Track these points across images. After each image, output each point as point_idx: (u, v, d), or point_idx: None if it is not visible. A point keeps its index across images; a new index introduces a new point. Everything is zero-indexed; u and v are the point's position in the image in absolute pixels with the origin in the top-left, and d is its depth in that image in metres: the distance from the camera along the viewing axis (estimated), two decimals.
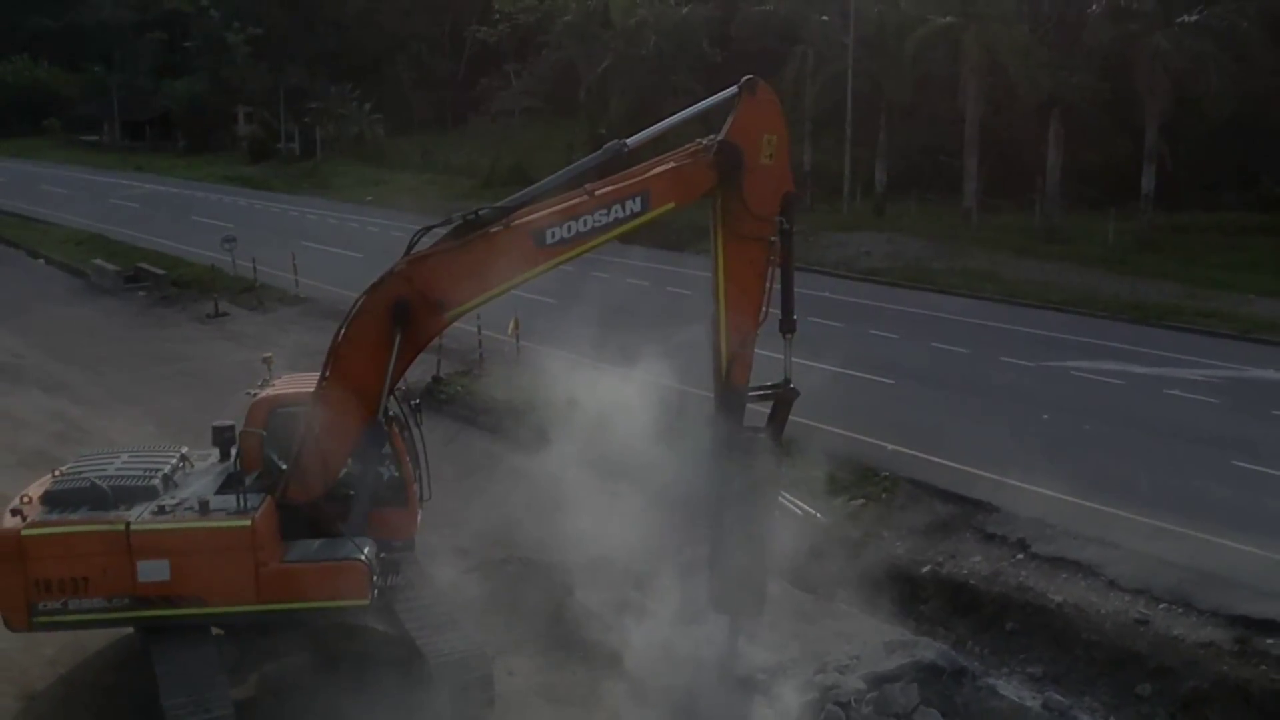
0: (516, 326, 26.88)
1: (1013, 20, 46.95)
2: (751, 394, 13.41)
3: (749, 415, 13.50)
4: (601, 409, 16.22)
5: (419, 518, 14.41)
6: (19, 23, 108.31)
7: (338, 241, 46.52)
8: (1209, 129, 46.11)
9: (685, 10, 61.02)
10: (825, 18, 52.52)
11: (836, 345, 26.21)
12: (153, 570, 12.57)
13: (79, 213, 56.25)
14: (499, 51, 72.33)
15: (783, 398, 13.47)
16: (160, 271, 40.61)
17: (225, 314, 35.36)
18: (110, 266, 41.15)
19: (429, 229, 12.96)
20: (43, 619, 12.76)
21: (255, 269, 37.24)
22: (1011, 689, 14.33)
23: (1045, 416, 23.02)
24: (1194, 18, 42.63)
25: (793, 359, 13.37)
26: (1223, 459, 20.11)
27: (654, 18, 59.36)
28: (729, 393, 13.22)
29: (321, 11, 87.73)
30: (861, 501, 18.95)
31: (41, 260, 46.73)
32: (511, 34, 69.96)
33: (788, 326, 13.24)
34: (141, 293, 39.05)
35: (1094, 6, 45.10)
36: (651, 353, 15.91)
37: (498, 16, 69.64)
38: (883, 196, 51.76)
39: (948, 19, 47.74)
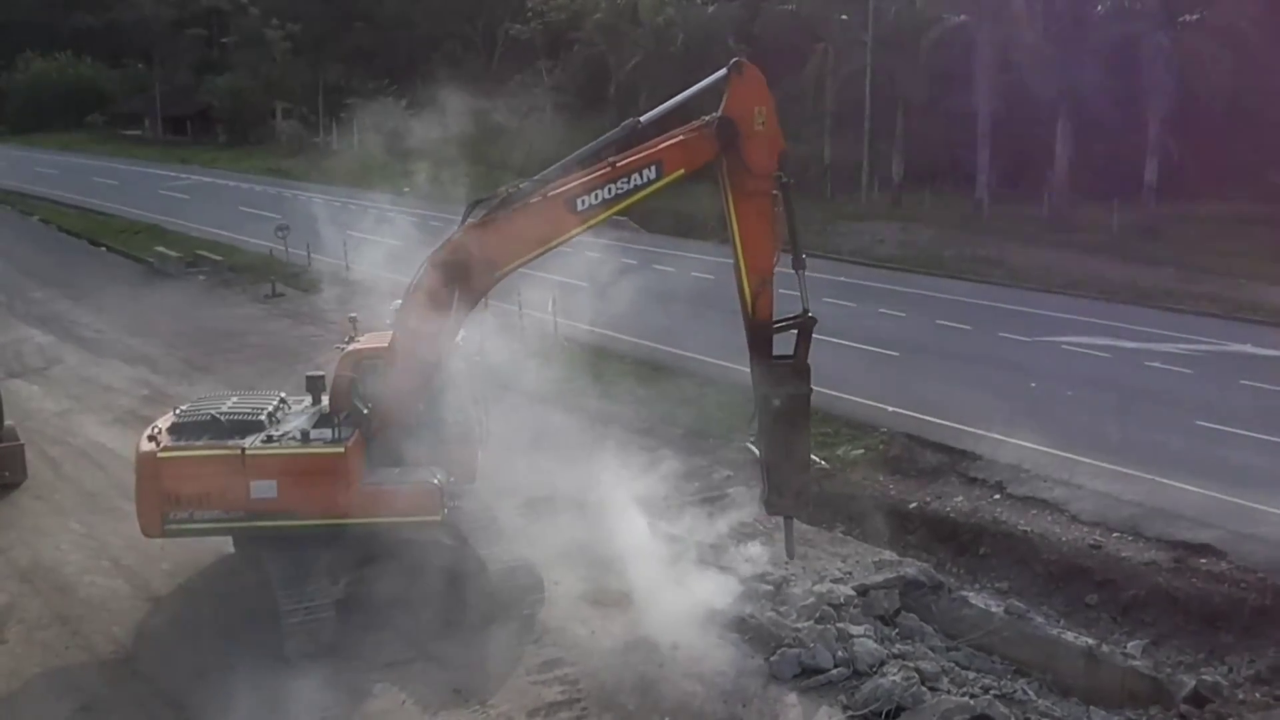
0: (554, 305, 29.50)
1: (1024, 20, 49.05)
2: (776, 326, 15.79)
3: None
4: (623, 375, 18.73)
5: (479, 456, 17.00)
6: (62, 20, 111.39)
7: (379, 230, 49.05)
8: (1215, 123, 48.13)
9: (711, 9, 63.36)
10: (845, 17, 54.79)
11: (849, 324, 28.72)
12: (263, 488, 15.15)
13: (132, 204, 58.98)
14: (531, 48, 74.70)
15: (804, 326, 15.68)
16: (218, 258, 43.40)
17: (281, 294, 38.11)
18: (172, 253, 43.94)
19: (479, 201, 15.44)
20: (172, 527, 15.38)
21: (309, 255, 39.93)
22: (980, 599, 16.76)
23: (1033, 384, 25.43)
24: (1195, 17, 44.66)
25: (803, 290, 15.68)
26: (1187, 418, 22.54)
27: (681, 16, 61.73)
28: (756, 327, 15.60)
29: (358, 9, 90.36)
30: (861, 451, 21.44)
31: (103, 248, 49.51)
32: (543, 31, 72.37)
33: (799, 264, 15.56)
34: (201, 277, 41.77)
35: (1100, 6, 47.12)
36: (670, 329, 18.30)
37: (530, 14, 72.11)
38: (899, 188, 54.03)
39: (962, 18, 50.00)
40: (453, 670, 14.26)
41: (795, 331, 15.58)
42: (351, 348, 16.66)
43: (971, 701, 13.34)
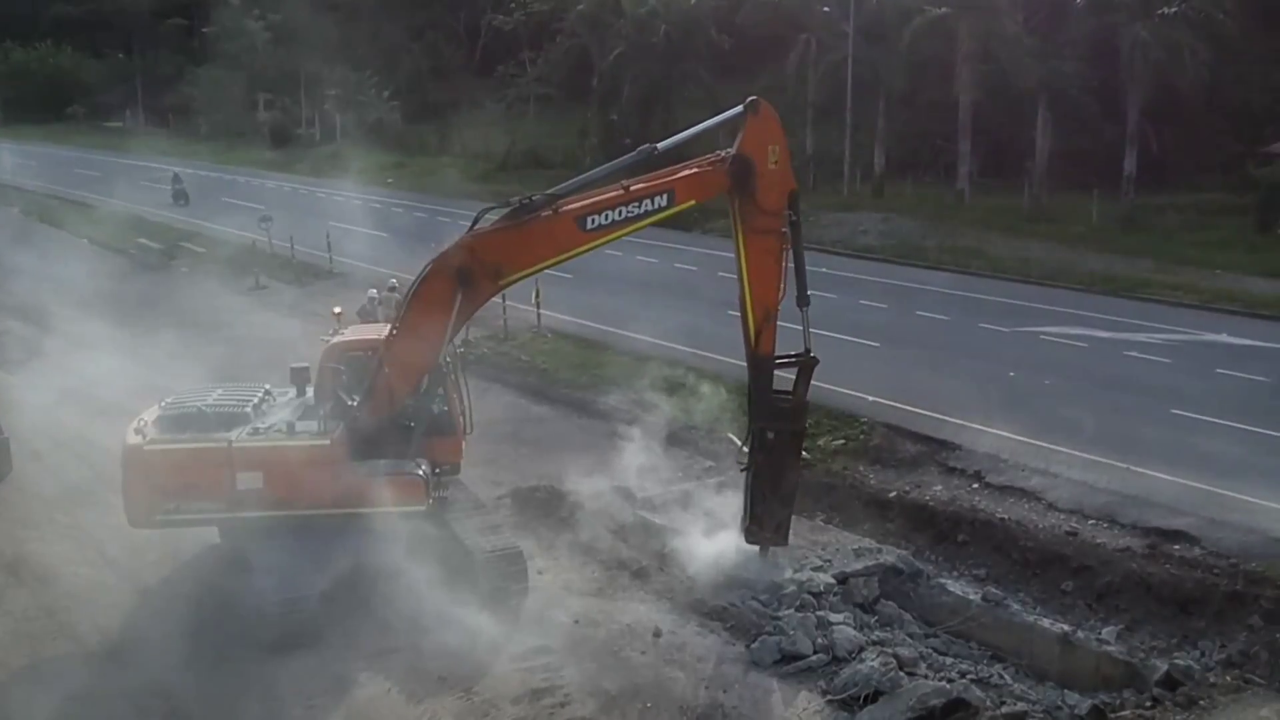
0: (538, 297, 29.64)
1: (1004, 11, 49.40)
2: (777, 362, 16.02)
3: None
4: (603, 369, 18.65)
5: (464, 446, 17.16)
6: (42, 10, 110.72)
7: (362, 222, 49.05)
8: (1193, 115, 48.59)
9: (694, 0, 63.42)
10: (827, 8, 55.04)
11: (830, 314, 28.80)
12: (250, 479, 15.29)
13: (113, 195, 58.65)
14: (514, 39, 74.68)
15: (804, 365, 16.04)
16: (200, 249, 43.40)
17: (265, 287, 38.10)
18: (154, 245, 43.90)
19: (489, 209, 15.65)
20: (159, 519, 15.53)
21: (293, 246, 39.95)
22: (958, 586, 17.03)
23: (1011, 373, 25.71)
24: (1173, 9, 44.96)
25: (806, 329, 15.90)
26: (1163, 407, 22.85)
27: (664, 7, 61.67)
28: (758, 361, 15.87)
29: None
30: (842, 441, 21.68)
31: (85, 240, 49.35)
32: (526, 22, 72.38)
33: (803, 301, 15.84)
34: (184, 269, 41.78)
35: None
36: (650, 321, 18.24)
37: (513, 5, 72.09)
38: (881, 179, 54.34)
39: (943, 10, 50.23)
40: (437, 658, 14.37)
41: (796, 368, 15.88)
42: (336, 340, 16.83)
43: (948, 685, 13.58)
